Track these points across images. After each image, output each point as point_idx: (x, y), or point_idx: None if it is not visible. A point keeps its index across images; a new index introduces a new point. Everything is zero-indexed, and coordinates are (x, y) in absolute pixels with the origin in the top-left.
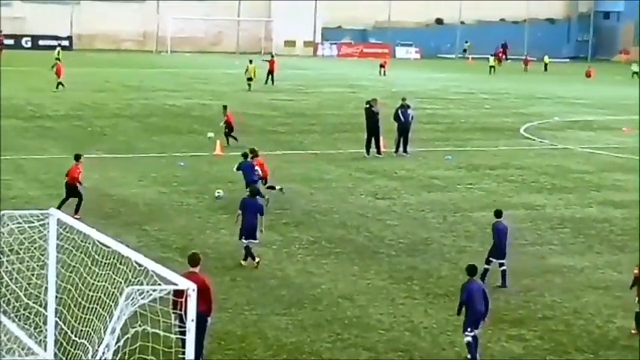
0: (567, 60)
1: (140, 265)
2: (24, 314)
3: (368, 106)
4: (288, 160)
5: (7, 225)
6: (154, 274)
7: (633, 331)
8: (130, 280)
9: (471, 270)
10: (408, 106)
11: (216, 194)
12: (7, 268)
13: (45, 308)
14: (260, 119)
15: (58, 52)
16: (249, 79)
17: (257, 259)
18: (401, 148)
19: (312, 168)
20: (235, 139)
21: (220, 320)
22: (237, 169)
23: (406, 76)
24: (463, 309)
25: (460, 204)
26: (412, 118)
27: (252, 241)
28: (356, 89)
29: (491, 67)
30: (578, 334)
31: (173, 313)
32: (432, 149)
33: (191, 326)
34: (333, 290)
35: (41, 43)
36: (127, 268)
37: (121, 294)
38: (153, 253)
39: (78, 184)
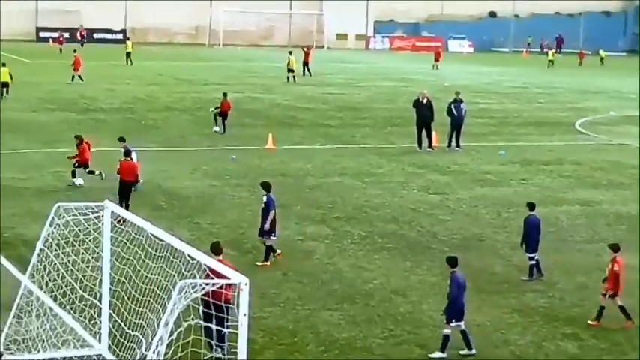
0: (623, 54)
1: (192, 259)
2: (79, 306)
3: (416, 98)
4: (339, 154)
5: (63, 217)
6: (206, 267)
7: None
8: (183, 274)
9: (453, 261)
10: (461, 101)
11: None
12: (62, 259)
13: (99, 300)
14: (311, 112)
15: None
16: (290, 71)
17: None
18: (453, 143)
19: (363, 162)
20: (224, 129)
21: (272, 315)
22: None
23: (459, 70)
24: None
25: (513, 199)
26: (465, 113)
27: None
28: (408, 83)
29: (550, 61)
30: (635, 334)
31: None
32: (484, 144)
33: (244, 320)
34: (385, 285)
35: (96, 36)
36: (179, 261)
37: (173, 287)
38: (205, 247)
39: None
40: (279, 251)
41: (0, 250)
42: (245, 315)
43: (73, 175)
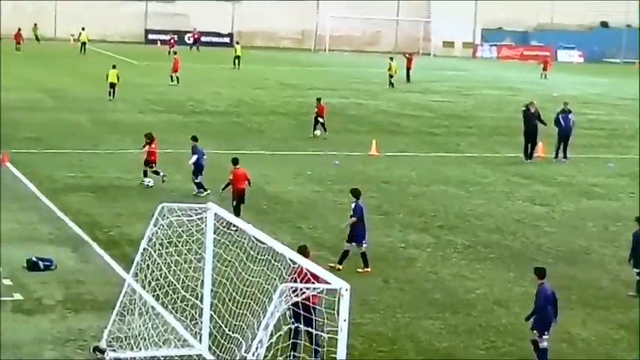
0: None
1: (294, 263)
2: (180, 306)
3: (525, 108)
4: (444, 163)
5: (167, 217)
6: (307, 272)
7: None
8: (284, 277)
9: (541, 272)
10: (570, 111)
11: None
12: (165, 259)
13: (201, 301)
14: (416, 120)
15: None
16: (391, 76)
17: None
18: (561, 154)
19: (468, 171)
20: (324, 128)
21: (372, 321)
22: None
23: (568, 80)
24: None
25: (622, 213)
26: (573, 124)
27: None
28: (515, 92)
29: None
30: None
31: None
32: (592, 156)
33: (344, 326)
34: (487, 296)
35: (203, 39)
36: (281, 265)
37: (274, 290)
38: (323, 252)
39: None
40: (339, 267)
41: (105, 248)
42: (345, 321)
43: (145, 175)
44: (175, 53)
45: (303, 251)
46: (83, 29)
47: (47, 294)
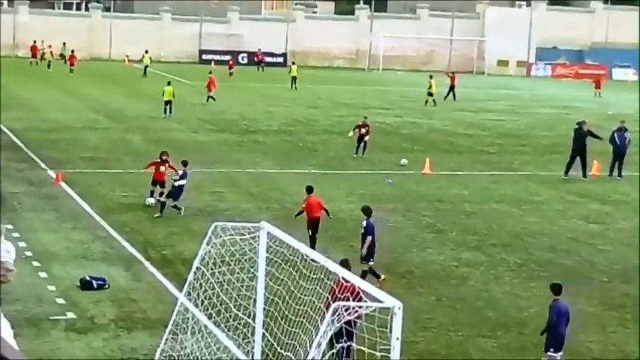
0: None
1: (347, 281)
2: (233, 324)
3: (577, 127)
4: (497, 181)
5: (220, 236)
6: (360, 290)
7: None
8: (337, 296)
9: (557, 288)
10: (626, 129)
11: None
12: (218, 278)
13: (253, 319)
14: (470, 139)
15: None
16: (430, 94)
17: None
18: (615, 172)
19: (521, 189)
20: (358, 152)
21: (425, 340)
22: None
23: (623, 98)
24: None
25: None
26: (629, 142)
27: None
28: (569, 110)
29: None
30: None
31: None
32: None
33: (396, 344)
34: (540, 314)
35: (256, 59)
36: (333, 283)
37: (327, 309)
38: (359, 270)
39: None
40: (383, 277)
41: (158, 267)
42: (398, 339)
43: (151, 194)
44: (210, 73)
45: (344, 264)
46: (146, 52)
47: (100, 312)
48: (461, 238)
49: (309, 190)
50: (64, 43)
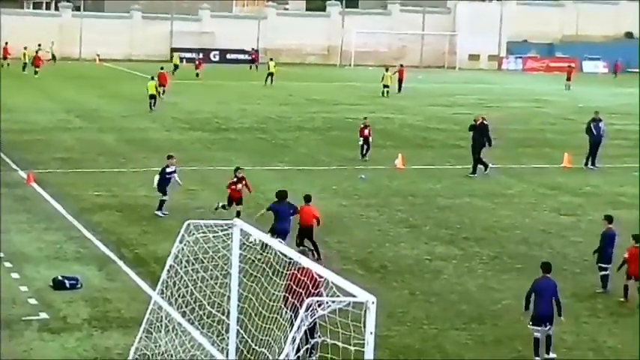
0: None
1: (320, 277)
2: (207, 322)
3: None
4: (469, 175)
5: (193, 234)
6: (333, 285)
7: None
8: (310, 291)
9: (545, 267)
10: (600, 120)
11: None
12: (191, 276)
13: (227, 317)
14: (442, 133)
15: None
16: (386, 86)
17: None
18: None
19: (493, 183)
20: (365, 154)
21: (399, 334)
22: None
23: (593, 91)
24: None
25: None
26: (604, 132)
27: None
28: (541, 104)
29: None
30: None
31: (285, 309)
32: (619, 165)
33: (370, 339)
34: (514, 306)
35: (229, 56)
36: (307, 278)
37: (301, 304)
38: (333, 265)
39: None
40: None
41: (132, 266)
42: (372, 334)
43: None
44: (162, 68)
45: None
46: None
47: (73, 312)
48: (434, 232)
49: (307, 199)
50: (52, 43)
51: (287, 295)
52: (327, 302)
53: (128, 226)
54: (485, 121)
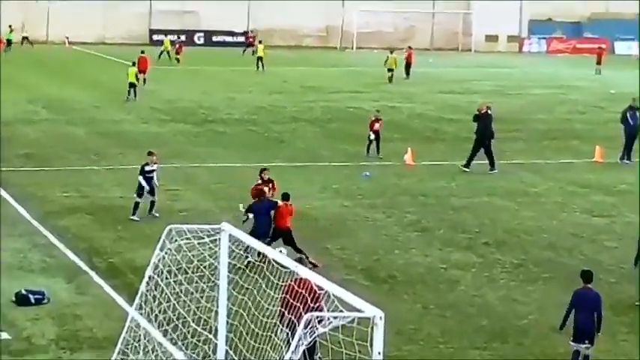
0: None
1: (320, 289)
2: (192, 342)
3: (628, 108)
4: (487, 171)
5: (176, 241)
6: (335, 298)
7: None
8: (309, 306)
9: (585, 276)
10: (637, 108)
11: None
12: (174, 289)
13: (215, 335)
14: (455, 124)
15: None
16: (390, 70)
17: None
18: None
19: (515, 180)
20: (378, 151)
21: (410, 353)
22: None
23: (627, 76)
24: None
25: None
26: None
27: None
28: (567, 90)
29: None
30: None
31: (280, 327)
32: None
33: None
34: (541, 321)
35: (215, 39)
36: (306, 291)
37: (298, 321)
38: (335, 275)
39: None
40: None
41: (105, 277)
42: (380, 354)
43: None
44: (143, 52)
45: (301, 262)
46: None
47: (39, 332)
48: (449, 236)
49: (285, 197)
50: (23, 24)
51: (283, 310)
52: (328, 318)
53: (101, 232)
54: (489, 111)
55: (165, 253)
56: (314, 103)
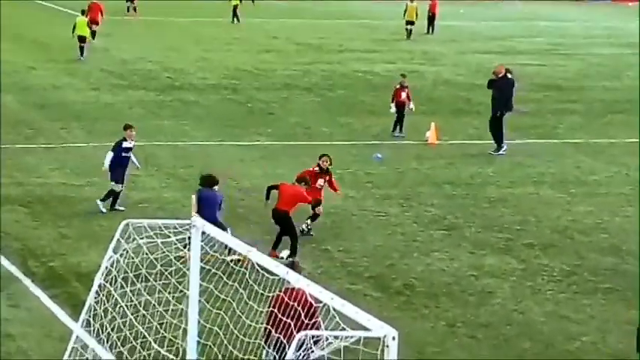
0: None
1: (317, 301)
2: None
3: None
4: (533, 154)
5: (133, 239)
6: (335, 313)
7: None
8: (303, 322)
9: None
10: None
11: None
12: (130, 300)
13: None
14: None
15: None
16: (410, 23)
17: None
18: None
19: (569, 165)
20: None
21: None
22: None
23: None
24: None
25: None
26: None
27: None
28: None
29: None
30: None
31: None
32: None
33: None
34: (599, 345)
35: None
36: (298, 304)
37: (289, 341)
38: (336, 284)
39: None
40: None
41: (44, 287)
42: None
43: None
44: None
45: (293, 267)
46: None
47: None
48: (482, 236)
49: (303, 181)
50: None
51: (269, 327)
52: (327, 338)
53: (39, 229)
54: (509, 75)
55: (120, 255)
56: (312, 66)
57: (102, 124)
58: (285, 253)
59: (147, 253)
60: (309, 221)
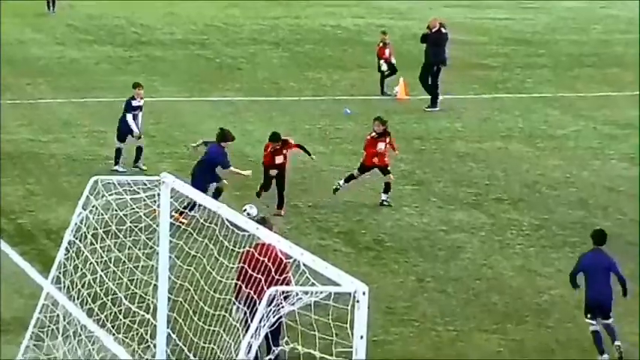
0: None
1: (287, 257)
2: (124, 323)
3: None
4: (502, 108)
5: (102, 196)
6: (306, 269)
7: None
8: (273, 278)
9: (596, 237)
10: None
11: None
12: (100, 257)
13: (153, 315)
14: (463, 47)
15: None
16: None
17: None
18: None
19: (537, 119)
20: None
21: (401, 338)
22: None
23: None
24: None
25: None
26: None
27: None
28: (607, 3)
29: None
30: None
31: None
32: None
33: (360, 345)
34: (567, 298)
35: None
36: (269, 260)
37: (259, 297)
38: (306, 240)
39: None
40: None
41: (13, 243)
42: (362, 338)
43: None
44: None
45: (263, 223)
46: None
47: None
48: (452, 191)
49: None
50: None
51: (239, 283)
52: (297, 293)
53: (6, 185)
54: (444, 29)
55: (90, 211)
56: (279, 20)
57: (68, 79)
58: (251, 208)
59: (116, 210)
60: (384, 195)
